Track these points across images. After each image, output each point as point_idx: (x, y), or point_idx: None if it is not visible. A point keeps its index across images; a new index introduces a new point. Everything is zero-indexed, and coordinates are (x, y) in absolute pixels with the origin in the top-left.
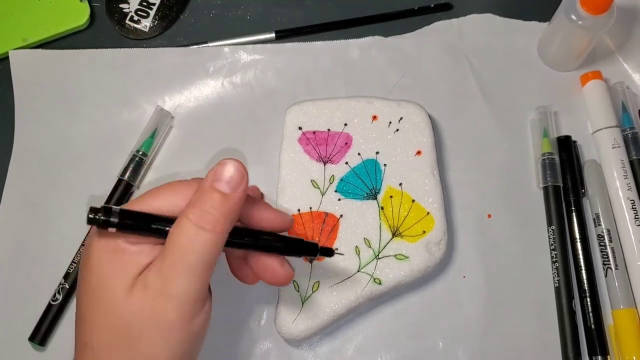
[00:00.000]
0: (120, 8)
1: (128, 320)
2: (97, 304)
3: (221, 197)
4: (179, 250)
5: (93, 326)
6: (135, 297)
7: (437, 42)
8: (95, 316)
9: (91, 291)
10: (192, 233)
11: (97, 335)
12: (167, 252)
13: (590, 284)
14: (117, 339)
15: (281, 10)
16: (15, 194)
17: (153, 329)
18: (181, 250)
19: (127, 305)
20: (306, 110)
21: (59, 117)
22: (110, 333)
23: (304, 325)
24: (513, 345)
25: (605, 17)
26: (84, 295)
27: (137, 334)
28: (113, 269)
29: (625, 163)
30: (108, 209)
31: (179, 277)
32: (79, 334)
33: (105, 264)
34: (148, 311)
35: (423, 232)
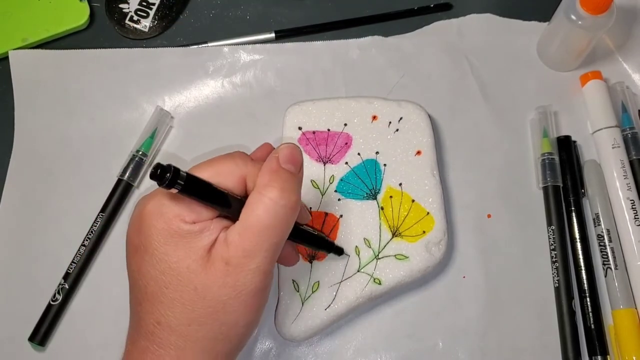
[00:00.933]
0: (120, 8)
1: (212, 295)
2: (174, 284)
3: (292, 177)
4: (262, 227)
5: (168, 305)
6: (216, 273)
7: (436, 42)
8: (169, 296)
9: (160, 273)
10: (274, 210)
11: (174, 312)
12: (248, 228)
13: (590, 284)
14: (199, 313)
15: (281, 10)
16: (15, 194)
17: (237, 299)
18: (264, 227)
19: (208, 281)
20: (306, 110)
21: (59, 117)
22: (192, 309)
23: (304, 325)
24: (513, 345)
25: (605, 17)
26: (152, 277)
27: (222, 306)
28: (181, 251)
29: (625, 163)
30: (177, 169)
31: (262, 252)
32: (149, 313)
33: (172, 247)
34: (231, 285)
35: (423, 232)
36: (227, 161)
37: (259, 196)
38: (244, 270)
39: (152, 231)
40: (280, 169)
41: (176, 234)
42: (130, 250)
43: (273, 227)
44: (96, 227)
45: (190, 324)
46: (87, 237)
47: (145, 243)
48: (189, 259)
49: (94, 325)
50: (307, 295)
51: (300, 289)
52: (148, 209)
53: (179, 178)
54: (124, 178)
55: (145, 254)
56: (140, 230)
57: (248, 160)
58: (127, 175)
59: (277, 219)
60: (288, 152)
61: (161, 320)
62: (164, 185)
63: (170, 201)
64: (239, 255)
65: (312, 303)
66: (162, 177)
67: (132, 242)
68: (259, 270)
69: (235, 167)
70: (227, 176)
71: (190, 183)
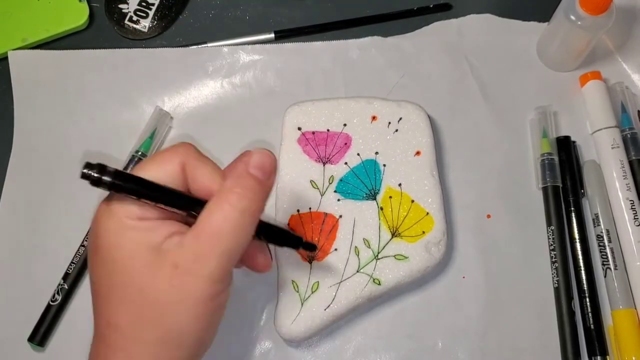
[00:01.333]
0: (120, 8)
1: (157, 297)
2: (120, 284)
3: (258, 184)
4: (216, 232)
5: (118, 305)
6: (163, 275)
7: (436, 43)
8: (118, 295)
9: (110, 273)
10: (231, 216)
11: (122, 313)
12: (202, 232)
13: (590, 284)
14: (145, 316)
15: (280, 11)
16: (14, 194)
17: (182, 304)
18: (218, 233)
19: (155, 283)
20: (305, 111)
21: (59, 117)
22: (138, 310)
23: (304, 325)
24: (512, 346)
25: (605, 18)
26: (101, 277)
27: (167, 310)
28: (127, 249)
29: (625, 163)
30: (102, 166)
31: (214, 260)
32: (100, 314)
33: (118, 246)
34: (178, 288)
35: (422, 232)
36: (166, 150)
37: (218, 200)
38: (193, 276)
39: (101, 230)
40: (247, 175)
41: (124, 232)
42: (89, 253)
43: (228, 234)
44: None
45: (135, 325)
46: (87, 237)
47: (96, 243)
48: (134, 258)
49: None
50: (307, 295)
51: (299, 289)
52: (100, 209)
53: (104, 175)
54: None
55: (96, 254)
56: (93, 231)
57: (190, 148)
58: None
59: (234, 226)
60: (258, 158)
61: (110, 321)
62: (91, 182)
63: (119, 201)
64: (190, 259)
65: (312, 303)
66: (89, 176)
67: (89, 244)
68: (209, 277)
69: (173, 155)
70: (166, 166)
71: (120, 179)
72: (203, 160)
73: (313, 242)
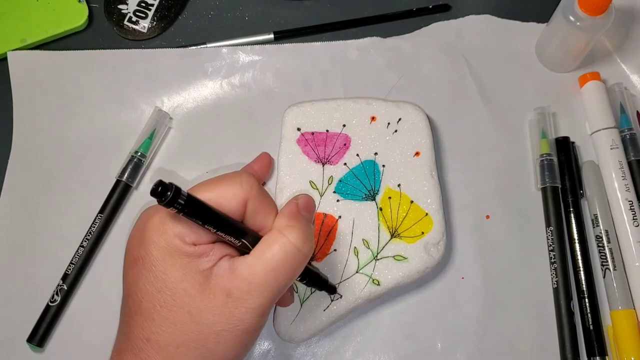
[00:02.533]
0: (119, 9)
1: (205, 322)
2: (167, 303)
3: (309, 224)
4: (274, 266)
5: (160, 323)
6: (213, 301)
7: (435, 43)
8: (164, 315)
9: (156, 291)
10: (291, 252)
11: (165, 332)
12: (260, 265)
13: (589, 284)
14: (189, 338)
15: (280, 11)
16: (13, 195)
17: (229, 332)
18: (275, 267)
19: (204, 307)
20: (305, 111)
21: (58, 118)
22: (183, 332)
23: (303, 326)
24: (511, 346)
25: (604, 18)
26: (146, 293)
27: (213, 335)
28: (179, 272)
29: (624, 164)
30: (178, 188)
31: (267, 292)
32: (139, 328)
33: (170, 265)
34: (227, 317)
35: (422, 233)
36: (232, 183)
37: (279, 235)
38: (244, 306)
39: (152, 247)
40: (300, 214)
41: (176, 253)
42: (129, 261)
43: (285, 269)
44: (95, 228)
45: (179, 346)
46: (86, 238)
47: (144, 257)
48: (186, 281)
49: (92, 326)
50: (306, 296)
51: (298, 290)
52: (151, 223)
53: (179, 198)
54: (122, 179)
55: (143, 268)
56: (140, 244)
57: (254, 183)
58: (126, 176)
59: (291, 262)
60: (305, 201)
61: (151, 338)
62: (164, 203)
63: (173, 219)
64: (244, 289)
65: (311, 304)
66: (163, 195)
67: (132, 253)
68: (259, 309)
69: (240, 190)
70: (230, 199)
71: (190, 204)
72: (265, 200)
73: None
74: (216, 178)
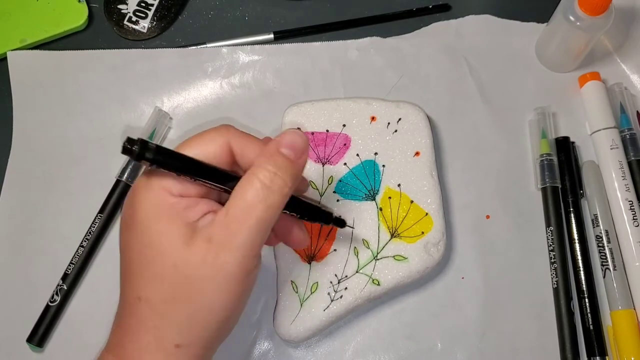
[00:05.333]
0: (119, 9)
1: (189, 272)
2: (153, 259)
3: (289, 162)
4: (247, 207)
5: (150, 280)
6: (196, 250)
7: (435, 43)
8: (150, 270)
9: (144, 247)
10: (262, 193)
11: (153, 288)
12: (234, 207)
13: (589, 284)
14: (176, 291)
15: (279, 11)
16: (13, 195)
17: (214, 280)
18: (250, 208)
19: (188, 258)
20: (305, 111)
21: (57, 117)
22: (170, 286)
23: (303, 326)
24: (511, 346)
25: (604, 18)
26: (134, 251)
27: (199, 285)
28: (164, 224)
29: (624, 164)
30: (144, 141)
31: (245, 232)
32: (128, 289)
33: (155, 219)
34: (210, 263)
35: (422, 233)
36: (209, 131)
37: (249, 177)
38: (226, 249)
39: (140, 204)
40: (277, 153)
41: (161, 205)
42: (121, 226)
43: (257, 208)
44: (94, 228)
45: (167, 301)
46: (86, 238)
47: (133, 216)
48: (171, 233)
49: (92, 326)
50: (306, 296)
51: (298, 290)
52: (138, 182)
53: (146, 150)
54: (122, 179)
55: (132, 227)
56: (131, 204)
57: (231, 127)
58: (126, 176)
59: (265, 202)
60: (289, 138)
61: (141, 296)
62: (134, 157)
63: (159, 175)
64: (223, 232)
65: (311, 304)
66: (130, 150)
67: (124, 217)
68: (241, 249)
69: (217, 135)
70: (209, 143)
71: (160, 154)
72: (248, 138)
73: (311, 240)
74: (190, 138)
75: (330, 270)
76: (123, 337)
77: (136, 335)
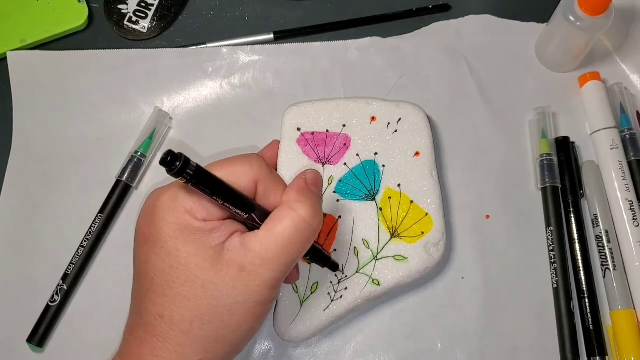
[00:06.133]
0: (119, 9)
1: (219, 295)
2: (179, 279)
3: (318, 198)
4: (285, 241)
5: (173, 300)
6: (227, 275)
7: (435, 43)
8: (175, 290)
9: (169, 267)
10: (301, 227)
11: (177, 308)
12: (272, 241)
13: (589, 284)
14: (203, 312)
15: (279, 11)
16: (13, 195)
17: (243, 305)
18: (287, 242)
19: (217, 281)
20: (305, 111)
21: (57, 118)
22: (197, 306)
23: (303, 326)
24: (511, 346)
25: (604, 18)
26: (157, 270)
27: (228, 309)
28: (192, 247)
29: (624, 164)
30: (187, 158)
31: (279, 266)
32: (151, 305)
33: (182, 242)
34: (241, 289)
35: (422, 233)
36: (242, 162)
37: (288, 210)
38: (258, 280)
39: (163, 224)
40: (309, 189)
41: (187, 229)
42: (139, 240)
43: (295, 243)
44: (95, 228)
45: (193, 321)
46: (86, 238)
47: (155, 235)
48: (198, 256)
49: (92, 326)
50: (306, 296)
51: (299, 290)
52: (161, 201)
53: (188, 167)
54: (122, 179)
55: (154, 245)
56: (151, 222)
57: (264, 164)
58: (126, 176)
59: (301, 236)
60: (314, 176)
61: (164, 314)
62: (173, 173)
63: (184, 196)
64: (257, 263)
65: (311, 304)
66: (172, 164)
67: (142, 232)
68: (272, 282)
69: (250, 170)
70: (241, 177)
71: (199, 174)
72: (274, 180)
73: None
74: (227, 158)
75: (330, 271)
76: (139, 348)
77: (156, 350)
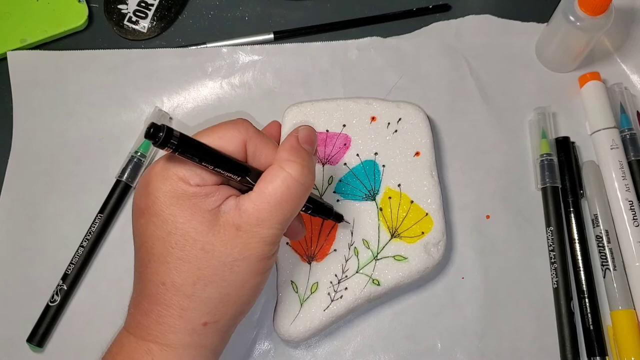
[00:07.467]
0: (119, 9)
1: (219, 255)
2: (177, 245)
3: (310, 156)
4: (277, 200)
5: (173, 265)
6: (225, 236)
7: (435, 43)
8: (175, 256)
9: (166, 235)
10: (293, 186)
11: (178, 272)
12: (264, 201)
13: (589, 284)
14: (205, 274)
15: (280, 11)
16: (13, 195)
17: (244, 261)
18: (279, 201)
19: (216, 243)
20: (305, 111)
21: (57, 117)
22: (198, 268)
23: (303, 326)
24: (511, 346)
25: (604, 18)
26: (156, 238)
27: (229, 267)
28: (187, 213)
29: (624, 164)
30: (170, 128)
31: (274, 224)
32: (149, 275)
33: (177, 209)
34: (240, 247)
35: (422, 233)
36: (229, 126)
37: (279, 170)
38: (255, 237)
39: (158, 193)
40: (300, 147)
41: (182, 196)
42: (136, 213)
43: (288, 201)
44: (94, 228)
45: (195, 283)
46: (86, 238)
47: (151, 205)
48: (195, 220)
49: (92, 326)
50: (306, 296)
51: (299, 290)
52: (154, 171)
53: (172, 137)
54: (122, 179)
55: (151, 215)
56: (146, 193)
57: (250, 125)
58: (126, 176)
59: (293, 195)
60: (306, 133)
61: (166, 281)
62: (157, 144)
63: (175, 164)
64: (252, 223)
65: (311, 304)
66: (155, 136)
67: (139, 205)
68: (269, 239)
69: (237, 133)
70: (228, 141)
71: (184, 143)
72: (263, 140)
73: (311, 241)
74: (214, 125)
75: (331, 271)
76: (144, 319)
77: (161, 317)
